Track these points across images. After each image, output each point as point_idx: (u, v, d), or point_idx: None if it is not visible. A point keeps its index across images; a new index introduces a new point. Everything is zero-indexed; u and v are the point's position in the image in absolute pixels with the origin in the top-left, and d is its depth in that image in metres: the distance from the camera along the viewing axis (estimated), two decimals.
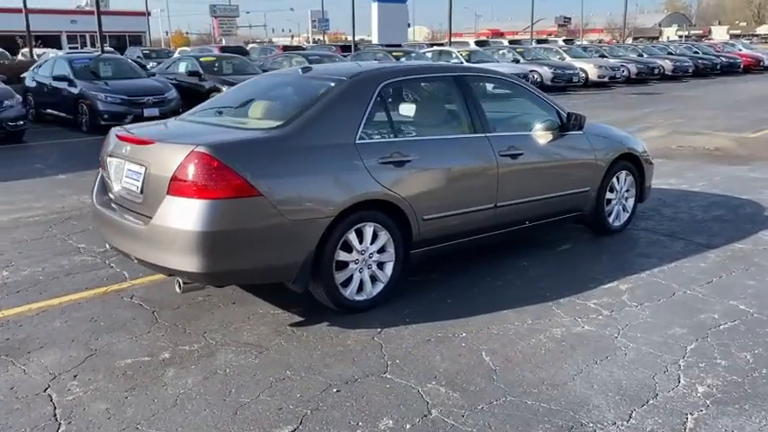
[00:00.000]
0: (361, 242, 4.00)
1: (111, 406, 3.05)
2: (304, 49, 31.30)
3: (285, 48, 29.22)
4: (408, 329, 3.86)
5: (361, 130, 4.00)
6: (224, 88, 13.73)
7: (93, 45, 53.68)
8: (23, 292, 4.51)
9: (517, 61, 23.09)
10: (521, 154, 4.79)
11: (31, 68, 14.93)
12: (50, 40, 49.42)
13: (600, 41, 63.55)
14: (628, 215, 5.92)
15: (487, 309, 4.16)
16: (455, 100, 4.67)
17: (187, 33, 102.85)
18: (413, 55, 20.90)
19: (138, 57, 39.60)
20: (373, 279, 4.13)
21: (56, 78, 13.47)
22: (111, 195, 4.24)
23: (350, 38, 56.90)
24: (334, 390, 3.18)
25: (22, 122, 11.47)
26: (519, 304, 4.23)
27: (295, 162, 3.71)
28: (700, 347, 3.63)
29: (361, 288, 4.07)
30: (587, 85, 23.84)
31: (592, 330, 3.84)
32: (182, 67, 16.42)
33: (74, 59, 13.88)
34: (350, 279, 4.02)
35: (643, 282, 4.63)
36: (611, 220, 5.74)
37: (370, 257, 4.07)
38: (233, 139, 3.76)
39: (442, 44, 34.31)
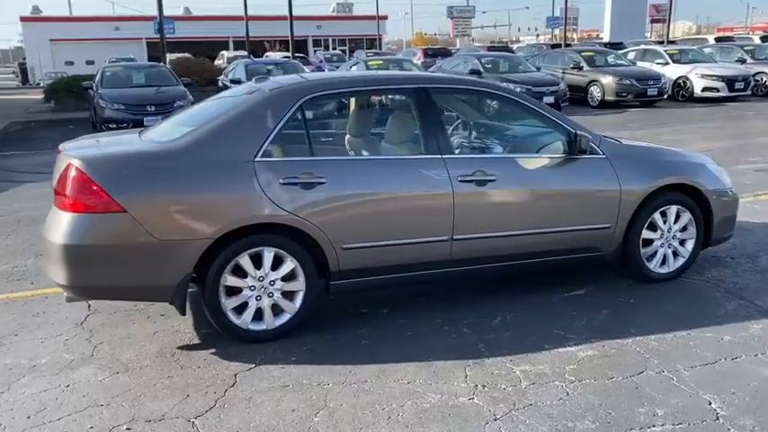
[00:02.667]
0: (258, 268, 3.72)
1: None
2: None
3: (490, 48, 28.63)
4: (281, 370, 3.50)
5: (265, 147, 3.70)
6: (503, 86, 14.55)
7: (333, 48, 58.14)
8: None
9: (743, 61, 19.99)
10: (491, 180, 4.06)
11: (223, 73, 16.54)
12: (299, 45, 54.56)
13: None
14: (683, 261, 4.74)
15: (394, 358, 3.61)
16: (403, 116, 4.11)
17: (427, 35, 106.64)
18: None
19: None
20: (277, 309, 3.81)
21: (232, 81, 14.78)
22: None
23: (602, 35, 54.41)
24: (124, 427, 2.98)
25: None
26: (437, 357, 3.61)
27: (171, 179, 3.56)
28: None
29: (259, 317, 3.79)
30: None
31: (474, 405, 3.13)
32: (462, 66, 17.18)
33: (249, 65, 15.08)
34: (245, 306, 3.76)
35: (619, 351, 3.66)
36: (651, 265, 4.65)
37: (272, 285, 3.76)
38: (106, 154, 3.73)
39: (702, 39, 30.78)
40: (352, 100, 4.45)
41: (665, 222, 4.62)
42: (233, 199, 3.63)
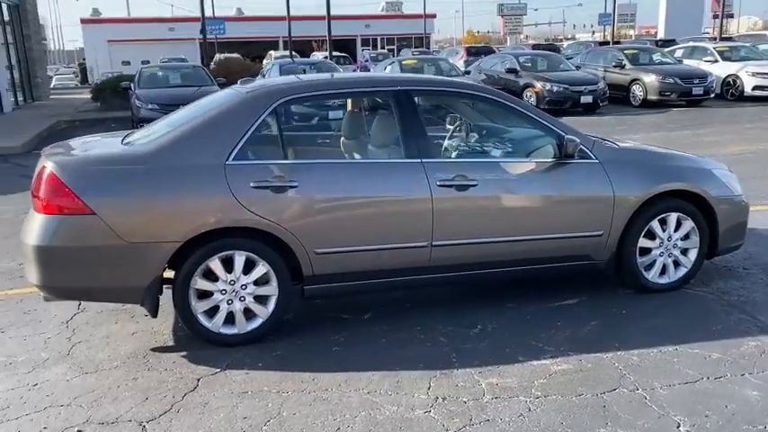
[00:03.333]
0: (229, 272, 3.70)
1: None
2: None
3: (534, 46, 28.11)
4: (245, 375, 3.48)
5: (237, 150, 3.69)
6: (538, 84, 14.49)
7: (382, 47, 58.21)
8: None
9: None
10: (473, 185, 3.95)
11: (260, 73, 16.73)
12: (348, 44, 54.80)
13: None
14: (685, 271, 4.51)
15: (361, 366, 3.55)
16: (382, 119, 4.03)
17: (479, 32, 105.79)
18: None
19: None
20: (249, 313, 3.79)
21: None
22: None
23: (655, 31, 52.68)
24: (76, 429, 3.01)
25: None
26: (405, 367, 3.53)
27: (141, 183, 3.57)
28: None
29: (231, 321, 3.78)
30: None
31: (429, 418, 3.03)
32: (500, 65, 17.07)
33: (283, 65, 15.20)
34: (216, 309, 3.75)
35: (596, 366, 3.50)
36: (650, 275, 4.44)
37: (244, 289, 3.75)
38: (79, 157, 3.77)
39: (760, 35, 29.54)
40: (329, 103, 4.39)
41: (664, 230, 4.41)
42: (202, 202, 3.62)
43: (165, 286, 3.76)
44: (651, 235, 4.40)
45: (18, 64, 21.63)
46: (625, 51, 17.85)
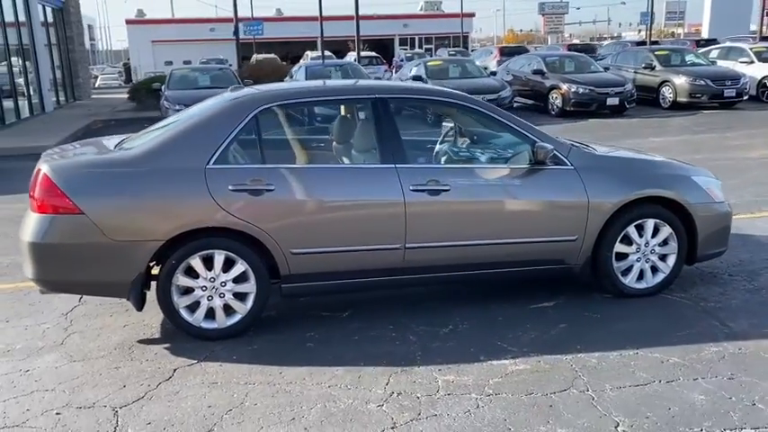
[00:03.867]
0: (210, 269, 3.93)
1: None
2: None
3: (569, 46, 27.85)
4: (218, 367, 3.70)
5: (217, 154, 3.91)
6: (564, 86, 14.56)
7: (420, 47, 58.26)
8: None
9: None
10: (445, 190, 4.10)
11: (288, 75, 17.06)
12: (386, 43, 55.05)
13: None
14: (663, 276, 4.57)
15: (328, 362, 3.73)
16: (358, 126, 4.20)
17: (522, 31, 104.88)
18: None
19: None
20: (228, 309, 4.02)
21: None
22: None
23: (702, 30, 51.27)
24: (55, 411, 3.26)
25: None
26: (369, 363, 3.70)
27: (126, 185, 3.82)
28: None
29: (211, 316, 4.00)
30: None
31: (380, 412, 3.20)
32: (527, 66, 17.09)
33: (309, 67, 15.49)
34: (198, 305, 3.98)
35: (553, 367, 3.61)
36: (627, 280, 4.52)
37: (223, 286, 3.97)
38: (71, 161, 4.03)
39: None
40: (309, 110, 4.58)
41: (641, 236, 4.47)
42: (183, 204, 3.85)
43: (153, 282, 4.01)
44: (628, 240, 4.47)
45: (61, 65, 22.46)
46: (656, 52, 17.60)
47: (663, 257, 4.57)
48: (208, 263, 3.93)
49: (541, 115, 15.82)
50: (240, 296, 4.02)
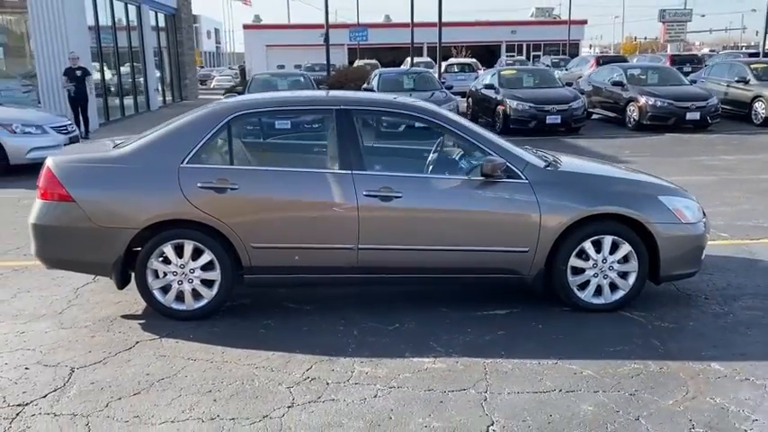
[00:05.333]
0: (181, 257, 4.44)
1: None
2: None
3: (672, 57, 26.66)
4: (174, 343, 4.18)
5: (191, 155, 4.41)
6: (642, 99, 14.52)
7: (527, 54, 57.46)
8: None
9: None
10: (398, 197, 4.38)
11: (366, 81, 17.60)
12: (493, 50, 54.80)
13: None
14: (622, 294, 4.62)
15: (271, 347, 4.11)
16: (319, 134, 4.56)
17: (647, 38, 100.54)
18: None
19: (547, 65, 41.44)
20: (196, 293, 4.51)
21: (366, 89, 15.77)
22: None
23: None
24: (24, 367, 3.87)
25: None
26: (305, 351, 4.05)
27: (112, 179, 4.40)
28: None
29: (181, 298, 4.51)
30: None
31: (284, 391, 3.55)
32: (607, 77, 16.82)
33: (382, 74, 15.93)
34: (169, 288, 4.50)
35: (466, 369, 3.81)
36: (583, 294, 4.60)
37: (192, 273, 4.47)
38: (71, 157, 4.64)
39: None
40: (278, 118, 4.99)
41: (598, 252, 4.54)
42: (158, 197, 4.38)
43: None
44: (585, 256, 4.55)
45: (170, 67, 24.31)
46: (752, 65, 16.62)
47: (624, 275, 4.60)
48: (179, 251, 4.44)
49: (619, 128, 15.44)
50: (207, 283, 4.50)
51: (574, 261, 4.55)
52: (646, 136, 14.24)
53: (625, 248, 4.54)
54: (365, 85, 16.37)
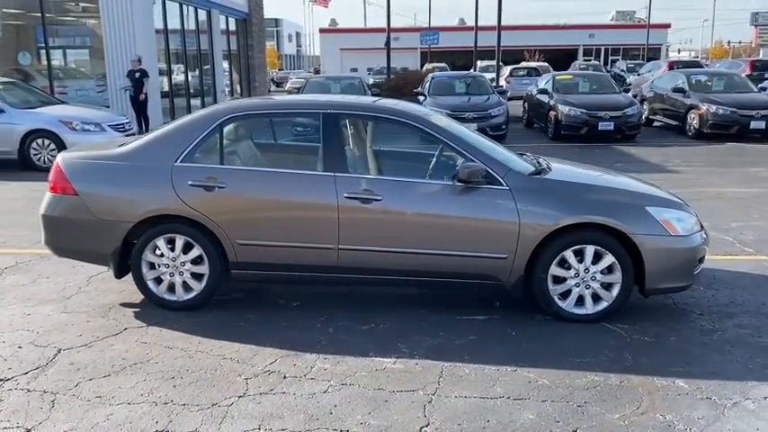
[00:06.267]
0: (173, 250, 4.70)
1: None
2: None
3: (753, 63, 25.31)
4: (158, 332, 4.43)
5: (185, 154, 4.66)
6: (703, 106, 14.16)
7: (605, 58, 55.93)
8: None
9: None
10: (377, 200, 4.48)
11: (420, 85, 17.67)
12: (569, 54, 53.60)
13: None
14: (605, 305, 4.54)
15: (244, 340, 4.28)
16: (307, 137, 4.70)
17: (741, 43, 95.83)
18: None
19: (622, 70, 40.20)
20: (186, 286, 4.75)
21: (418, 94, 15.85)
22: None
23: None
24: (18, 346, 4.20)
25: None
26: (275, 345, 4.20)
27: (112, 175, 4.70)
28: None
29: (172, 289, 4.76)
30: None
31: (240, 381, 3.71)
32: (669, 83, 16.34)
33: (435, 77, 15.97)
34: (162, 279, 4.76)
35: (423, 371, 3.87)
36: (565, 304, 4.56)
37: (183, 266, 4.71)
38: (79, 155, 4.95)
39: None
40: (269, 120, 5.16)
41: (580, 261, 4.48)
42: (152, 194, 4.65)
43: None
44: (567, 265, 4.50)
45: (239, 69, 25.17)
46: None
47: (608, 286, 4.52)
48: (171, 245, 4.69)
49: (678, 136, 14.90)
50: (197, 276, 4.73)
51: (555, 270, 4.51)
52: (704, 145, 13.68)
53: (608, 259, 4.46)
54: (418, 89, 16.43)
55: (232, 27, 24.30)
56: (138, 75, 14.39)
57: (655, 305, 4.89)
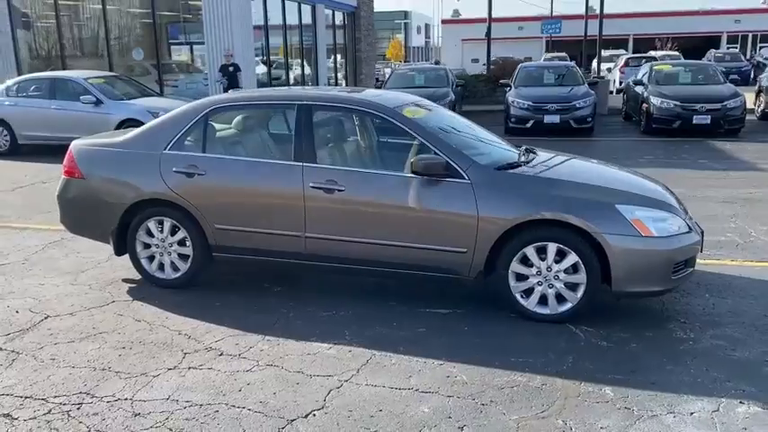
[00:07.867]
0: (162, 232, 5.07)
1: None
2: None
3: None
4: (140, 307, 4.79)
5: (173, 143, 5.00)
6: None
7: (753, 46, 51.41)
8: None
9: None
10: (341, 190, 4.58)
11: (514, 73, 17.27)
12: (712, 42, 49.77)
13: None
14: (569, 306, 4.36)
15: (214, 320, 4.49)
16: (279, 127, 4.86)
17: None
18: None
19: (766, 58, 36.96)
20: (174, 265, 5.11)
21: None
22: None
23: None
24: (17, 311, 4.73)
25: None
26: (243, 328, 4.35)
27: (113, 161, 5.15)
28: None
29: (161, 268, 5.14)
30: None
31: (189, 355, 3.97)
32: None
33: (524, 66, 15.53)
34: (153, 258, 5.16)
35: (353, 358, 3.93)
36: (527, 302, 4.43)
37: (171, 246, 5.08)
38: (88, 142, 5.42)
39: None
40: (248, 112, 5.32)
41: (542, 259, 4.33)
42: (143, 179, 5.04)
43: None
44: (529, 262, 4.36)
45: (345, 62, 25.83)
46: None
47: (573, 287, 4.33)
48: (161, 226, 5.06)
49: None
50: (182, 257, 5.08)
51: (517, 267, 4.38)
52: None
53: (572, 258, 4.27)
54: (505, 80, 16.07)
55: (339, 21, 24.93)
56: (231, 69, 15.23)
57: (639, 309, 4.62)
